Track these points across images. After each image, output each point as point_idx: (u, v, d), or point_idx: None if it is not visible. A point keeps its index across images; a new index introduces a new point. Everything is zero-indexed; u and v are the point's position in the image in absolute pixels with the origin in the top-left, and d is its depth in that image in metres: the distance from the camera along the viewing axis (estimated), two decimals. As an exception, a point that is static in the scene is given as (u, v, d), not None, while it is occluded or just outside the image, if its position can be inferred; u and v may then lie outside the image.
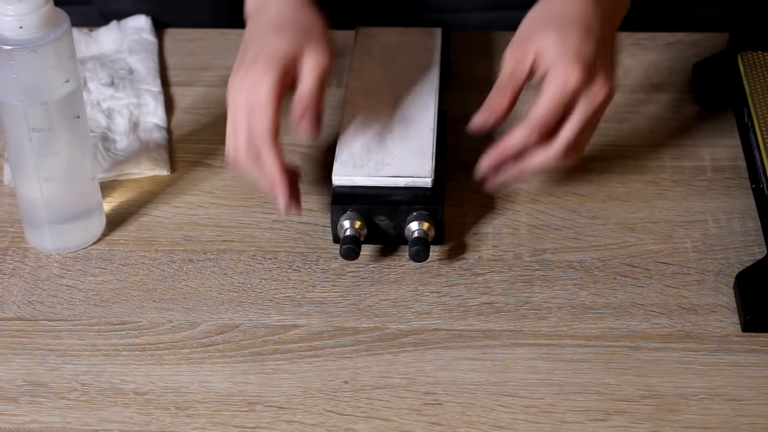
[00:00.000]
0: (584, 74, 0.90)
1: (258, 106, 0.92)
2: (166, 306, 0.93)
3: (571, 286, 0.94)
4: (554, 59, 0.91)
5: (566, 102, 0.91)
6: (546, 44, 0.91)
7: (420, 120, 1.01)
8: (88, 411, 0.86)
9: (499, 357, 0.89)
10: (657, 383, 0.87)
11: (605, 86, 0.92)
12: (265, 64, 0.92)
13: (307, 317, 0.92)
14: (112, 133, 1.08)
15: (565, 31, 0.91)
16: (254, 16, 0.99)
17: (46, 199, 0.95)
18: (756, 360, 0.89)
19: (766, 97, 1.03)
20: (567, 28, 0.92)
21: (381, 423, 0.85)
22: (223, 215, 1.01)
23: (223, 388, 0.87)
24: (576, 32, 0.91)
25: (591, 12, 0.93)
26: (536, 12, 0.95)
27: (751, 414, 0.85)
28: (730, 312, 0.92)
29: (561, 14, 0.93)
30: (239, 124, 0.94)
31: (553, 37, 0.91)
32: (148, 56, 1.16)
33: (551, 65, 0.91)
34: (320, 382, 0.88)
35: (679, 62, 1.15)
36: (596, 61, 0.91)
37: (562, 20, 0.92)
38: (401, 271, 0.96)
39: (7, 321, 0.93)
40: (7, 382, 0.88)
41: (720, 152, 1.06)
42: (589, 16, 0.92)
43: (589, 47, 0.91)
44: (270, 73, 0.92)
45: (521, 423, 0.85)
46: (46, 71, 0.89)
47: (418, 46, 1.09)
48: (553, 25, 0.92)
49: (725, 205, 1.01)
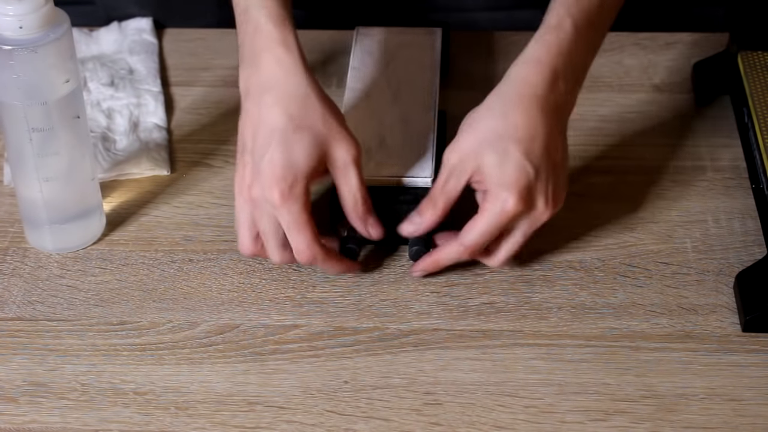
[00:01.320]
0: (521, 203, 0.88)
1: (298, 224, 0.89)
2: (166, 306, 0.93)
3: (571, 286, 0.94)
4: (492, 184, 0.89)
5: (502, 226, 0.90)
6: (485, 164, 0.89)
7: (420, 120, 1.01)
8: (88, 411, 0.86)
9: (499, 357, 0.89)
10: (657, 383, 0.87)
11: (546, 210, 0.90)
12: (294, 178, 0.88)
13: (307, 317, 0.92)
14: (112, 133, 1.08)
15: (506, 156, 0.88)
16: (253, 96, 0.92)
17: (46, 199, 0.95)
18: (756, 360, 0.89)
19: (766, 97, 1.03)
20: (508, 151, 0.88)
21: (381, 423, 0.85)
22: (223, 215, 1.01)
23: (223, 388, 0.87)
24: (515, 157, 0.88)
25: (535, 120, 0.89)
26: (480, 120, 0.90)
27: (751, 414, 0.85)
28: (730, 312, 0.92)
29: (504, 128, 0.89)
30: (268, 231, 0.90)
31: (493, 160, 0.89)
32: (149, 56, 1.16)
33: (489, 188, 0.89)
34: (320, 382, 0.88)
35: (679, 62, 1.15)
36: (537, 185, 0.89)
37: (505, 139, 0.89)
38: (401, 271, 0.96)
39: (7, 321, 0.93)
40: (7, 382, 0.88)
41: (720, 152, 1.06)
42: (532, 127, 0.89)
43: (528, 177, 0.88)
44: (300, 186, 0.88)
45: (521, 423, 0.85)
46: (46, 71, 0.89)
47: (418, 46, 1.09)
48: (495, 144, 0.89)
49: (725, 205, 1.01)
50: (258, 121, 0.90)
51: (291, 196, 0.88)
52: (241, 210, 0.91)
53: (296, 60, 0.91)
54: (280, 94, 0.90)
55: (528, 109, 0.89)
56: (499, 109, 0.90)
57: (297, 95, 0.90)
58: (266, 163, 0.88)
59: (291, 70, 0.91)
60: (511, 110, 0.89)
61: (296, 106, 0.90)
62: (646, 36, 1.18)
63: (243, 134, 0.92)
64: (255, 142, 0.90)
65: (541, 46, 0.91)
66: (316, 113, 0.90)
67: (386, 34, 1.10)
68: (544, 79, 0.90)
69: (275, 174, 0.88)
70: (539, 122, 0.89)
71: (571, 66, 0.91)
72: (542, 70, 0.90)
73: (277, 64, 0.91)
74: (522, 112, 0.89)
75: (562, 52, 0.91)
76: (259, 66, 0.91)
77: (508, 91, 0.91)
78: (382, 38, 1.10)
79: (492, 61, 1.16)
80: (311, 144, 0.89)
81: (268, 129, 0.89)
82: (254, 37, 0.92)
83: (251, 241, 0.92)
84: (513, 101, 0.90)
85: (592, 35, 0.93)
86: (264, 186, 0.88)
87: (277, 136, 0.89)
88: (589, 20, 0.92)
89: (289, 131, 0.89)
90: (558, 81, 0.90)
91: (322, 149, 0.90)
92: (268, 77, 0.91)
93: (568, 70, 0.91)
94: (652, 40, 1.17)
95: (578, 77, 0.93)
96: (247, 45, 0.93)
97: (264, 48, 0.91)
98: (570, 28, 0.91)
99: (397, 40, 1.10)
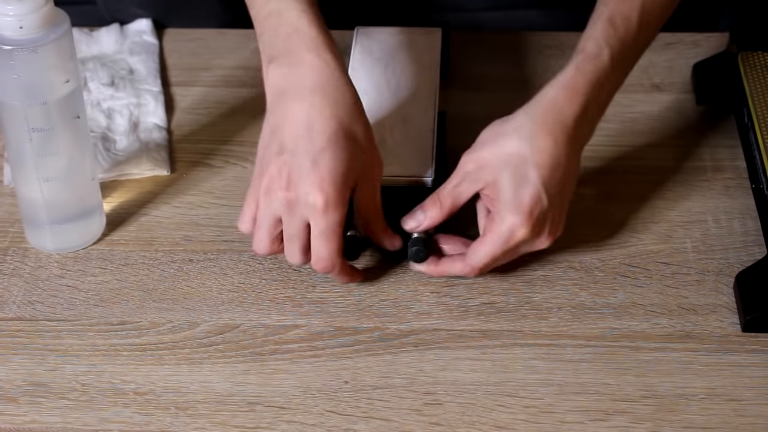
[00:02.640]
0: (531, 233, 0.89)
1: (329, 233, 0.88)
2: (166, 306, 0.93)
3: (571, 286, 0.94)
4: (504, 204, 0.89)
5: (509, 249, 0.90)
6: (502, 182, 0.89)
7: (420, 120, 1.01)
8: (88, 411, 0.86)
9: (499, 357, 0.89)
10: (657, 383, 0.87)
11: (547, 240, 0.90)
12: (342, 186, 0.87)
13: (307, 317, 0.92)
14: (112, 133, 1.08)
15: (525, 181, 0.88)
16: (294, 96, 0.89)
17: (46, 199, 0.95)
18: (756, 360, 0.89)
19: (766, 97, 1.03)
20: (528, 177, 0.88)
21: (381, 423, 0.85)
22: (223, 215, 1.01)
23: (224, 388, 0.87)
24: (534, 184, 0.88)
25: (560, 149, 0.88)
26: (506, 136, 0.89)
27: (751, 414, 0.85)
28: (730, 312, 0.92)
29: (528, 152, 0.88)
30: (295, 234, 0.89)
31: (511, 181, 0.88)
32: (149, 57, 1.16)
33: (501, 209, 0.89)
34: (320, 382, 0.88)
35: (679, 62, 1.15)
36: (547, 215, 0.89)
37: (528, 163, 0.88)
38: (401, 271, 0.96)
39: (7, 321, 0.93)
40: (7, 382, 0.88)
41: (720, 152, 1.06)
42: (555, 156, 0.88)
43: (541, 206, 0.88)
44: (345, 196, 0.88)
45: (521, 423, 0.85)
46: (47, 71, 0.89)
47: (418, 46, 1.09)
48: (516, 165, 0.88)
49: (725, 205, 1.01)
50: (305, 122, 0.87)
51: (334, 204, 0.87)
52: (266, 208, 0.89)
53: (340, 66, 0.90)
54: (330, 98, 0.88)
55: (556, 138, 0.89)
56: (527, 131, 0.89)
57: (346, 102, 0.89)
58: (315, 166, 0.87)
59: (337, 76, 0.89)
60: (539, 135, 0.89)
61: (345, 113, 0.88)
62: (646, 36, 1.18)
63: (280, 133, 0.89)
64: (299, 143, 0.87)
65: (578, 73, 0.90)
66: (361, 123, 0.89)
67: (386, 34, 1.10)
68: (576, 110, 0.89)
69: (324, 178, 0.86)
70: (563, 152, 0.89)
71: (602, 98, 0.91)
72: (577, 99, 0.89)
73: (324, 68, 0.89)
74: (549, 139, 0.88)
75: (598, 83, 0.90)
76: (301, 67, 0.89)
77: (539, 115, 0.89)
78: (382, 38, 1.10)
79: (492, 61, 1.16)
80: (358, 155, 0.89)
81: (317, 133, 0.87)
82: (291, 38, 0.90)
83: (270, 241, 0.90)
84: (541, 126, 0.89)
85: (625, 70, 0.93)
86: (308, 189, 0.87)
87: (329, 142, 0.87)
88: (623, 53, 0.91)
89: (340, 138, 0.87)
90: (587, 112, 0.90)
91: (361, 160, 0.89)
92: (314, 80, 0.89)
93: (599, 103, 0.91)
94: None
95: (603, 110, 0.93)
96: (280, 45, 0.91)
97: (306, 49, 0.89)
98: (608, 60, 0.90)
99: (397, 40, 1.09)
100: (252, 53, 1.16)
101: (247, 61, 1.16)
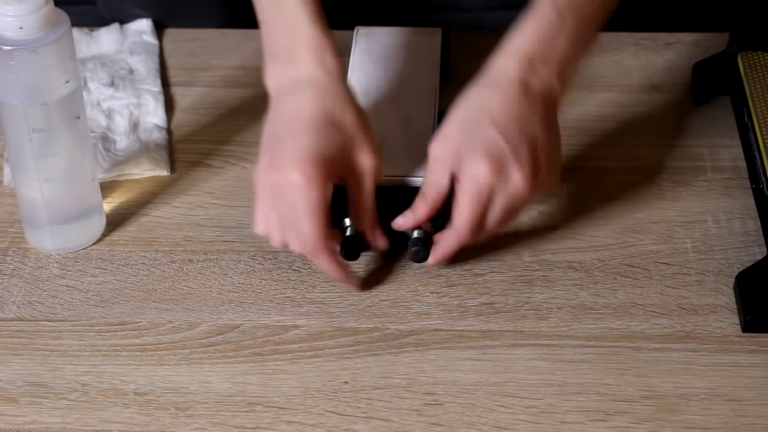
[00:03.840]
0: (492, 172, 0.88)
1: (311, 210, 0.88)
2: (166, 306, 0.94)
3: (571, 286, 0.94)
4: (463, 161, 0.89)
5: (483, 199, 0.89)
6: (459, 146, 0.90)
7: (420, 120, 1.01)
8: (88, 411, 0.86)
9: (499, 357, 0.89)
10: (657, 383, 0.87)
11: (524, 184, 0.89)
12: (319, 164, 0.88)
13: (307, 317, 0.92)
14: (112, 134, 1.08)
15: (479, 131, 0.89)
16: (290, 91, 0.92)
17: (46, 200, 0.95)
18: (756, 360, 0.89)
19: (766, 97, 1.03)
20: (482, 126, 0.89)
21: (381, 423, 0.85)
22: (223, 215, 1.01)
23: (223, 389, 0.87)
24: (489, 132, 0.88)
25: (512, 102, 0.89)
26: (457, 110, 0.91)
27: (751, 414, 0.85)
28: (730, 312, 0.92)
29: (479, 111, 0.89)
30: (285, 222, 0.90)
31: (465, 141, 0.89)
32: (149, 57, 1.16)
33: (462, 167, 0.90)
34: (320, 383, 0.88)
35: (679, 62, 1.15)
36: (511, 157, 0.88)
37: (480, 119, 0.89)
38: (401, 271, 0.96)
39: (7, 321, 0.93)
40: (8, 383, 0.88)
41: (720, 152, 1.06)
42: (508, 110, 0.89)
43: (500, 148, 0.88)
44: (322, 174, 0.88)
45: (522, 423, 0.85)
46: (46, 72, 0.89)
47: (418, 46, 1.09)
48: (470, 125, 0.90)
49: (725, 205, 1.01)
50: (294, 111, 0.90)
51: (314, 181, 0.88)
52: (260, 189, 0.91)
53: (339, 65, 0.92)
54: (321, 91, 0.91)
55: (505, 93, 0.90)
56: (475, 97, 0.91)
57: (337, 96, 0.91)
58: (295, 146, 0.88)
59: (333, 74, 0.92)
60: (488, 96, 0.90)
61: (334, 104, 0.91)
62: (645, 36, 1.18)
63: (275, 124, 0.91)
64: (287, 129, 0.90)
65: (518, 36, 0.91)
66: (351, 116, 0.91)
67: (386, 34, 1.10)
68: (519, 66, 0.90)
69: (302, 157, 0.88)
70: (516, 104, 0.89)
71: (553, 54, 0.90)
72: (517, 57, 0.90)
73: (320, 65, 0.91)
74: (498, 95, 0.90)
75: (540, 39, 0.90)
76: (299, 64, 0.92)
77: (485, 80, 0.91)
78: (381, 38, 1.10)
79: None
80: (341, 140, 0.90)
81: (302, 117, 0.90)
82: (290, 35, 0.92)
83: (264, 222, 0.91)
84: (489, 88, 0.90)
85: (579, 26, 0.92)
86: (288, 169, 0.88)
87: (310, 124, 0.89)
88: (573, 9, 0.91)
89: (322, 122, 0.90)
90: (535, 66, 0.90)
91: (348, 150, 0.90)
92: (310, 76, 0.91)
93: (549, 58, 0.90)
94: (651, 40, 1.17)
95: (564, 67, 0.91)
96: (279, 42, 0.93)
97: (304, 48, 0.92)
98: (553, 17, 0.90)
99: (397, 41, 1.09)
100: (252, 53, 1.16)
101: (247, 61, 1.16)
